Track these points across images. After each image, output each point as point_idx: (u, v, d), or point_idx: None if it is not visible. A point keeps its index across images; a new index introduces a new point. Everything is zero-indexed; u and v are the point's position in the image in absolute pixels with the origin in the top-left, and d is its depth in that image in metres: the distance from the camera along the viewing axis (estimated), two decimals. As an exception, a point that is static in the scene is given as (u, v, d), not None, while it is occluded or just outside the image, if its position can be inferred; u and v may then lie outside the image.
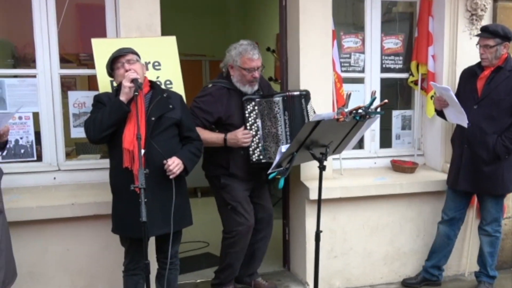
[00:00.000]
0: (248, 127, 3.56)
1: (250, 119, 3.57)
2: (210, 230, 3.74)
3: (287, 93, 3.59)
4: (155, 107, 3.02)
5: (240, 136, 3.51)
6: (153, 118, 2.98)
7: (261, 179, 3.80)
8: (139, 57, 3.13)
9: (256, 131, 3.57)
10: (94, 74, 3.72)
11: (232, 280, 3.89)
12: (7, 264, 2.92)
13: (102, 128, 2.92)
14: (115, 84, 3.38)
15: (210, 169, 3.74)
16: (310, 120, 3.13)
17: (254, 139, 3.56)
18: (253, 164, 3.60)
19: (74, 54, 4.65)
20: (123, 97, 2.90)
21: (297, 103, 3.58)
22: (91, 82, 4.91)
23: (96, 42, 3.44)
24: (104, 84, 3.40)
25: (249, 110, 3.57)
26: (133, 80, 2.88)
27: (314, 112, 3.68)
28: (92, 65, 4.48)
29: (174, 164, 2.98)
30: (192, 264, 4.53)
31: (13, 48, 4.52)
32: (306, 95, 3.63)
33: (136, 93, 2.84)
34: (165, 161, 2.96)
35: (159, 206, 2.96)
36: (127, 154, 2.91)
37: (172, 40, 3.63)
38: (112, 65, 3.08)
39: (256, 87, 3.64)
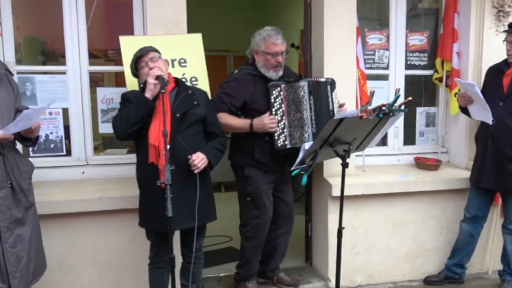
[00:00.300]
0: (274, 113, 3.57)
1: (275, 104, 3.58)
2: (233, 224, 3.79)
3: (313, 79, 3.62)
4: (180, 103, 3.08)
5: (267, 121, 3.53)
6: (178, 114, 3.04)
7: (284, 171, 3.83)
8: (160, 54, 3.18)
9: (282, 116, 3.57)
10: (121, 71, 3.81)
11: (254, 275, 3.94)
12: (37, 256, 3.00)
13: (129, 125, 3.00)
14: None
15: (236, 158, 3.76)
16: (334, 117, 3.15)
17: (279, 125, 3.57)
18: (278, 150, 3.61)
19: (102, 50, 4.75)
20: (148, 94, 2.97)
21: (323, 89, 3.60)
22: (118, 78, 5.03)
23: (124, 40, 3.51)
24: (132, 81, 3.46)
25: (274, 95, 3.58)
26: (158, 77, 2.94)
27: (339, 101, 3.71)
28: (119, 62, 4.59)
29: (199, 159, 3.04)
30: (215, 258, 4.59)
31: (42, 44, 4.64)
32: (332, 83, 3.65)
33: (163, 91, 2.90)
34: (189, 156, 3.02)
35: (184, 201, 3.03)
36: (153, 149, 2.98)
37: (197, 38, 3.68)
38: (136, 65, 3.15)
39: (280, 73, 3.67)
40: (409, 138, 4.66)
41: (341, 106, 3.71)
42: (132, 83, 3.46)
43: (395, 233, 4.21)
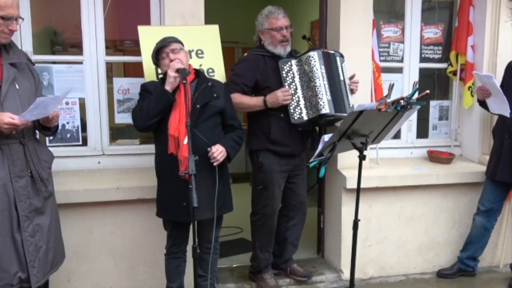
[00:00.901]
0: (287, 87, 3.58)
1: (287, 79, 3.59)
2: (244, 216, 3.82)
3: (322, 49, 3.64)
4: (200, 95, 3.09)
5: (280, 94, 3.52)
6: (198, 106, 3.05)
7: (301, 159, 3.86)
8: (183, 45, 3.19)
9: (295, 90, 3.56)
10: (135, 61, 3.83)
11: (268, 266, 3.95)
12: (55, 246, 3.00)
13: (148, 117, 3.02)
14: (159, 71, 3.47)
15: (253, 142, 3.73)
16: (353, 110, 3.15)
17: (294, 98, 3.56)
18: (295, 125, 3.61)
19: (111, 41, 4.76)
20: (168, 87, 2.98)
21: (333, 59, 3.62)
22: (127, 69, 5.05)
23: (142, 30, 3.52)
24: (150, 71, 3.49)
25: (286, 70, 3.59)
26: (178, 70, 2.95)
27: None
28: (127, 52, 4.59)
29: (218, 152, 3.06)
30: (227, 249, 4.61)
31: (57, 33, 4.65)
32: (341, 55, 3.69)
33: (185, 82, 2.91)
34: (209, 149, 3.04)
35: (203, 192, 3.04)
36: (172, 140, 2.99)
37: (215, 29, 3.69)
38: (157, 55, 3.15)
39: (288, 48, 3.69)
40: (422, 131, 4.68)
41: (351, 77, 3.72)
42: (150, 74, 3.48)
43: (407, 225, 4.24)
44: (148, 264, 3.72)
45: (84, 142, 3.86)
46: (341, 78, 3.63)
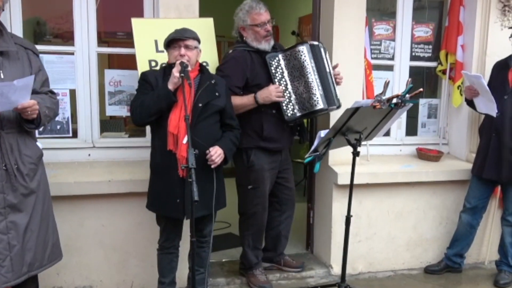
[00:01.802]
0: (277, 83, 3.56)
1: (277, 74, 3.57)
2: (231, 211, 3.82)
3: (309, 42, 3.61)
4: (203, 94, 3.06)
5: (273, 89, 3.50)
6: (200, 105, 3.02)
7: (287, 154, 3.90)
8: (199, 42, 3.14)
9: (285, 85, 3.56)
10: (126, 53, 3.79)
11: (258, 263, 3.95)
12: (38, 247, 2.81)
13: (149, 114, 2.99)
14: (153, 64, 3.44)
15: (243, 141, 3.60)
16: (349, 107, 3.18)
17: (285, 94, 3.56)
18: (289, 121, 3.61)
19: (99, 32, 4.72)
20: (171, 86, 2.94)
21: (318, 51, 3.61)
22: (111, 61, 5.01)
23: (136, 22, 3.49)
24: (143, 63, 3.46)
25: (274, 65, 3.58)
26: (184, 71, 2.89)
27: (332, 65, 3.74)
28: (112, 44, 4.54)
29: (216, 154, 3.04)
30: (216, 244, 4.57)
31: (41, 23, 4.58)
32: (324, 47, 3.69)
33: (189, 82, 2.90)
34: (207, 151, 3.02)
35: (199, 189, 3.01)
36: (172, 137, 2.98)
37: (209, 22, 3.69)
38: (169, 43, 3.08)
39: (272, 42, 3.67)
40: (411, 129, 4.74)
41: (335, 67, 3.73)
42: (143, 66, 3.45)
43: (397, 222, 4.30)
44: (139, 258, 3.70)
45: (74, 134, 3.82)
46: (327, 70, 3.62)
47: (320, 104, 3.49)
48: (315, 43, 3.65)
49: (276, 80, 3.57)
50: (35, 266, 2.82)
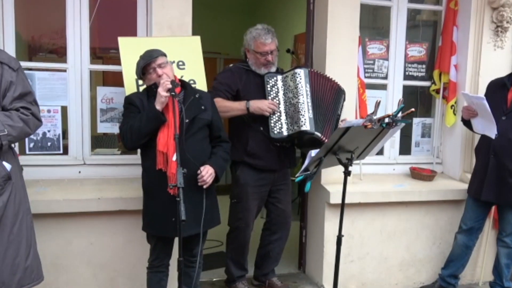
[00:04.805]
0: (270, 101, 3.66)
1: (271, 93, 3.66)
2: (224, 229, 3.83)
3: (310, 69, 3.74)
4: (189, 108, 3.07)
5: (267, 102, 3.60)
6: (187, 121, 3.02)
7: (283, 175, 3.91)
8: (166, 56, 3.17)
9: (278, 104, 3.63)
10: (117, 71, 3.81)
11: (242, 276, 4.00)
12: (3, 270, 2.71)
13: (140, 137, 3.00)
14: (140, 82, 3.46)
15: (232, 154, 3.64)
16: (339, 127, 3.20)
17: (276, 112, 3.63)
18: (274, 138, 3.65)
19: (93, 48, 4.76)
20: (159, 106, 2.94)
21: (339, 97, 3.75)
22: (106, 78, 5.05)
23: (122, 41, 3.50)
24: (130, 82, 3.46)
25: (271, 84, 3.67)
26: (170, 90, 2.92)
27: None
28: (108, 60, 4.56)
29: (208, 174, 3.05)
30: (207, 263, 4.56)
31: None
32: (344, 94, 3.83)
33: (179, 99, 2.95)
34: (199, 171, 3.03)
35: (190, 207, 2.99)
36: (161, 156, 2.97)
37: (196, 40, 3.68)
38: (143, 69, 3.10)
39: (273, 69, 3.75)
40: (404, 148, 4.76)
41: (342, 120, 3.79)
42: (130, 85, 3.45)
43: (389, 242, 4.29)
44: (128, 277, 3.69)
45: (65, 151, 3.83)
46: (338, 112, 3.75)
47: (307, 126, 3.53)
48: (342, 88, 3.82)
49: (270, 97, 3.65)
50: (5, 286, 2.73)
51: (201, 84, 3.64)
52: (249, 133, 3.70)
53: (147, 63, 3.07)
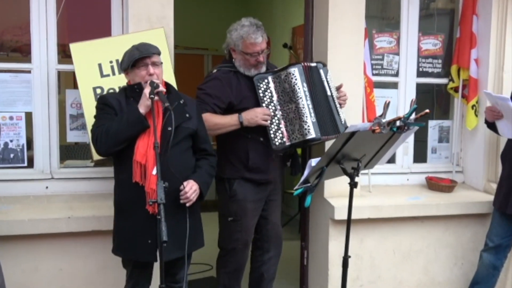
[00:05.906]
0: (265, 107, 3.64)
1: (265, 98, 3.63)
2: (213, 251, 3.84)
3: (303, 63, 3.68)
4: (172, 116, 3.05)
5: (260, 111, 3.57)
6: (169, 128, 2.98)
7: (275, 184, 3.90)
8: (160, 55, 3.17)
9: (274, 111, 3.61)
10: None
11: None
12: None
13: (117, 142, 2.97)
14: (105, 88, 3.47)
15: (225, 171, 3.71)
16: (344, 131, 3.21)
17: (273, 121, 3.61)
18: (277, 150, 3.65)
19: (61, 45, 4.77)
20: (142, 110, 2.94)
21: (316, 73, 3.69)
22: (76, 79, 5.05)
23: (74, 47, 3.53)
24: (86, 92, 3.52)
25: (262, 88, 3.64)
26: (158, 93, 2.92)
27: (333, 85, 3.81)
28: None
29: (192, 191, 3.04)
30: (196, 289, 4.61)
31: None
32: (323, 65, 3.76)
33: (167, 105, 2.91)
34: (181, 187, 3.01)
35: (171, 229, 2.98)
36: (138, 168, 2.96)
37: (160, 33, 3.67)
38: (135, 62, 3.06)
39: (263, 69, 3.72)
40: (419, 155, 4.77)
41: (338, 88, 3.80)
42: (87, 95, 3.50)
43: (404, 263, 4.30)
44: (103, 306, 3.69)
45: (30, 164, 3.83)
46: (328, 93, 3.71)
47: (312, 133, 3.53)
48: (312, 64, 3.72)
49: (264, 104, 3.63)
50: None
51: (169, 81, 3.60)
52: (248, 146, 3.68)
53: (143, 57, 3.05)
